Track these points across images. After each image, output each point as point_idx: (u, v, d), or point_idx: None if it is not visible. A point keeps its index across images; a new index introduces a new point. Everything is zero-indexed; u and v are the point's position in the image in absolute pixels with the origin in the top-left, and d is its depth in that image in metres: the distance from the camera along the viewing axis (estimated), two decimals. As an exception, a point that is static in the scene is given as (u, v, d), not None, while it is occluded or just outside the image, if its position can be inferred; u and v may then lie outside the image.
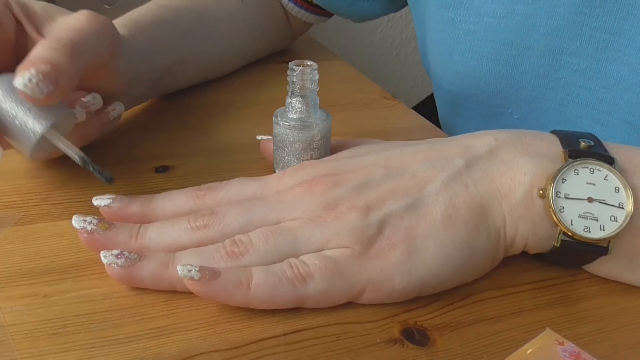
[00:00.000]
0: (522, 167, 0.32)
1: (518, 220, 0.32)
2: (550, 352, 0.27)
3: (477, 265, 0.32)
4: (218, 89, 0.58)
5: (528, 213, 0.32)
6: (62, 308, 0.30)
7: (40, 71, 0.33)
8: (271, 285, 0.30)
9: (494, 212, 0.32)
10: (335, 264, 0.30)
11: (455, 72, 0.50)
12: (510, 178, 0.32)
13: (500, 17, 0.46)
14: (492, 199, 0.32)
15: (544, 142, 0.34)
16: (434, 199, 0.32)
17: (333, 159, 0.37)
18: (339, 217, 0.32)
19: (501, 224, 0.32)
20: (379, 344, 0.29)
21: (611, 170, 0.32)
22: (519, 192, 0.32)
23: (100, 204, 0.35)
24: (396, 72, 1.26)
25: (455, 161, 0.33)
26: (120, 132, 0.49)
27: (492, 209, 0.32)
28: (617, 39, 0.42)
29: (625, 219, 0.31)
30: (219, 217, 0.33)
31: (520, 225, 0.32)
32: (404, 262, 0.30)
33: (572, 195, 0.31)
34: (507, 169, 0.32)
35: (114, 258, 0.31)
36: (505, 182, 0.32)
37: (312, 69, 0.38)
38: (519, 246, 0.33)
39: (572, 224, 0.31)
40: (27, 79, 0.33)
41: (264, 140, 0.43)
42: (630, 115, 0.43)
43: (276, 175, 0.36)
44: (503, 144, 0.34)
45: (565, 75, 0.45)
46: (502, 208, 0.32)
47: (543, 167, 0.32)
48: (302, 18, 0.66)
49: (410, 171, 0.33)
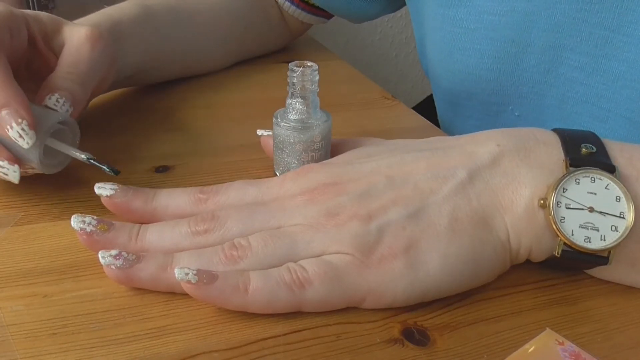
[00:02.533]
0: (523, 179, 0.32)
1: (521, 233, 0.32)
2: (550, 352, 0.27)
3: (482, 277, 0.32)
4: (218, 89, 0.58)
5: (530, 225, 0.32)
6: (62, 308, 0.30)
7: (63, 95, 0.38)
8: (269, 290, 0.30)
9: (497, 225, 0.32)
10: (334, 271, 0.30)
11: (455, 71, 0.50)
12: (512, 191, 0.32)
13: (500, 15, 0.46)
14: (495, 212, 0.32)
15: (546, 146, 0.33)
16: (437, 211, 0.32)
17: (334, 163, 0.36)
18: (340, 224, 0.32)
19: (505, 238, 0.32)
20: (379, 344, 0.29)
21: (612, 179, 0.31)
22: (520, 205, 0.32)
23: (103, 194, 0.35)
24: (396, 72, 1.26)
25: (458, 172, 0.33)
26: (120, 132, 0.49)
27: (495, 223, 0.32)
28: (617, 35, 0.42)
29: (625, 230, 0.31)
30: (220, 223, 0.33)
31: (523, 238, 0.32)
32: (407, 274, 0.30)
33: (573, 205, 0.31)
34: (509, 181, 0.32)
35: (112, 259, 0.31)
36: (507, 195, 0.32)
37: (313, 69, 0.38)
38: (524, 256, 0.33)
39: (572, 234, 0.31)
40: (55, 99, 0.38)
41: (264, 136, 0.43)
42: (630, 112, 0.43)
43: (277, 179, 0.36)
44: (505, 150, 0.33)
45: (566, 72, 0.45)
46: (505, 221, 0.32)
47: (543, 177, 0.32)
48: (299, 18, 0.66)
49: (412, 181, 0.33)
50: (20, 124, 0.35)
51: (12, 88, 0.36)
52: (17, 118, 0.35)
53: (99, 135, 0.47)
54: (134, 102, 0.54)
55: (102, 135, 0.47)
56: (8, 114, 0.35)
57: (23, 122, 0.35)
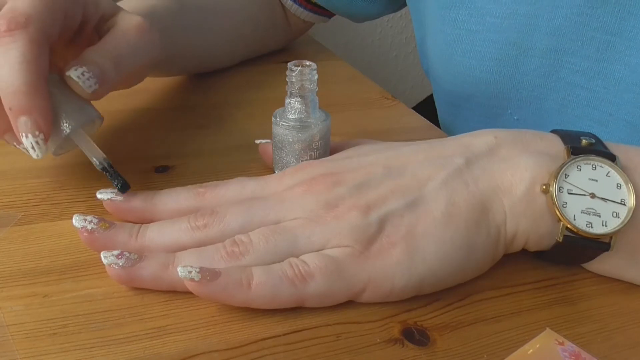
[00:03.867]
0: (523, 163, 0.32)
1: (519, 216, 0.32)
2: (550, 352, 0.27)
3: (477, 263, 0.32)
4: (218, 88, 0.58)
5: (529, 209, 0.32)
6: (62, 308, 0.30)
7: (91, 70, 0.36)
8: (271, 285, 0.30)
9: (494, 208, 0.32)
10: (335, 264, 0.30)
11: (456, 73, 0.50)
12: (511, 175, 0.32)
13: (502, 17, 0.46)
14: (493, 195, 0.32)
15: (544, 140, 0.34)
16: (434, 197, 0.32)
17: (332, 159, 0.37)
18: (339, 216, 0.32)
19: (502, 221, 0.32)
20: (379, 344, 0.29)
21: (613, 166, 0.32)
22: (520, 188, 0.32)
23: (104, 197, 0.36)
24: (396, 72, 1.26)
25: (455, 159, 0.33)
26: (120, 132, 0.49)
27: (492, 206, 0.32)
28: (618, 39, 0.42)
29: (627, 215, 0.31)
30: (219, 217, 0.33)
31: (521, 222, 0.32)
32: (404, 260, 0.30)
33: (575, 191, 0.31)
34: (508, 166, 0.32)
35: (115, 258, 0.31)
36: (506, 178, 0.32)
37: (311, 69, 0.38)
38: (520, 243, 0.33)
39: (574, 219, 0.31)
40: (80, 72, 0.36)
41: (262, 144, 0.43)
42: (631, 116, 0.43)
43: (276, 175, 0.36)
44: (503, 142, 0.34)
45: (566, 76, 0.45)
46: (503, 204, 0.32)
47: (545, 163, 0.32)
48: (302, 17, 0.66)
49: (410, 170, 0.33)
50: (37, 137, 0.33)
51: (39, 95, 0.33)
52: (34, 130, 0.33)
53: (99, 135, 0.47)
54: (134, 102, 0.54)
55: (102, 135, 0.47)
56: (26, 122, 0.33)
57: (40, 135, 0.33)
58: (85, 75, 0.35)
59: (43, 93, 0.34)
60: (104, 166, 0.36)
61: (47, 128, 0.34)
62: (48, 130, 0.34)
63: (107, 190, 0.36)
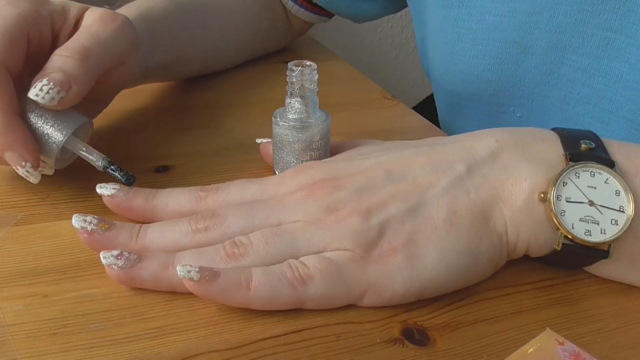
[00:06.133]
0: (522, 172, 0.32)
1: (519, 225, 0.32)
2: (550, 352, 0.27)
3: (480, 271, 0.32)
4: (218, 88, 0.58)
5: (529, 218, 0.32)
6: (62, 308, 0.30)
7: (52, 79, 0.35)
8: (271, 286, 0.30)
9: (495, 217, 0.32)
10: (335, 267, 0.30)
11: (456, 72, 0.50)
12: (511, 184, 0.32)
13: (502, 15, 0.46)
14: (494, 204, 0.32)
15: (545, 143, 0.34)
16: (435, 204, 0.32)
17: (333, 160, 0.36)
18: (340, 220, 0.32)
19: (503, 230, 0.32)
20: (379, 344, 0.29)
21: (612, 173, 0.32)
22: (520, 198, 0.32)
23: (104, 193, 0.36)
24: (396, 72, 1.26)
25: (457, 166, 0.33)
26: (120, 132, 0.49)
27: (493, 215, 0.32)
28: (618, 36, 0.42)
29: (625, 223, 0.31)
30: (220, 220, 0.33)
31: (521, 231, 0.32)
32: (405, 267, 0.30)
33: (573, 198, 0.31)
34: (509, 174, 0.32)
35: (114, 259, 0.31)
36: (507, 188, 0.32)
37: (312, 69, 0.38)
38: (521, 251, 0.33)
39: (573, 227, 0.31)
40: (38, 89, 0.35)
41: (263, 143, 0.43)
42: (631, 113, 0.43)
43: (276, 177, 0.36)
44: (504, 146, 0.34)
45: (567, 73, 0.45)
46: (504, 214, 0.32)
47: (543, 171, 0.32)
48: (302, 17, 0.66)
49: (411, 175, 0.33)
50: (25, 167, 0.35)
51: (13, 130, 0.35)
52: (20, 162, 0.35)
53: (100, 135, 0.47)
54: (134, 102, 0.54)
55: (103, 135, 0.47)
56: (12, 156, 0.35)
57: (27, 164, 0.35)
58: (44, 90, 0.35)
59: (17, 126, 0.35)
60: (105, 164, 0.37)
61: (32, 156, 0.35)
62: (34, 158, 0.35)
63: (108, 185, 0.36)
